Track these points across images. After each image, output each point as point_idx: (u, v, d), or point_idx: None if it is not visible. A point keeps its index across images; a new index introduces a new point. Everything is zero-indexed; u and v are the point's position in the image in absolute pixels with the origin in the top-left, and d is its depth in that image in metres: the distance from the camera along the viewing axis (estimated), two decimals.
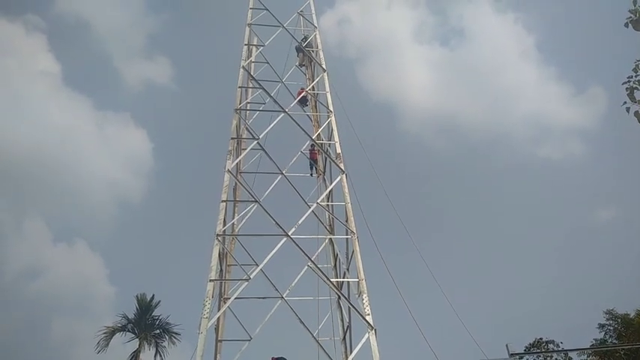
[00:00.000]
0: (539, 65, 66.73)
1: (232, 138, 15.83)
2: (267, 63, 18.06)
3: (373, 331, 12.19)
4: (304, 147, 16.54)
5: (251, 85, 18.01)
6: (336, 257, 16.39)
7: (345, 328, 15.16)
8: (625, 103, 7.22)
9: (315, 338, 12.72)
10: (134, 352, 28.78)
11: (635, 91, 7.18)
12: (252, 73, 17.75)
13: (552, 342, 23.85)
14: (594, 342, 23.37)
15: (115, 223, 54.56)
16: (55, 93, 57.43)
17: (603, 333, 24.87)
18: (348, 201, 15.05)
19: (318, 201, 14.95)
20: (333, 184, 15.67)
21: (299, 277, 13.94)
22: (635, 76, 7.31)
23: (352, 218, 14.73)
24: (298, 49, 19.76)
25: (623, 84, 7.45)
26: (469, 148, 58.02)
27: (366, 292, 13.08)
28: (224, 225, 14.03)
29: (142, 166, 59.23)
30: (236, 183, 15.74)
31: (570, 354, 24.39)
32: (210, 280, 12.33)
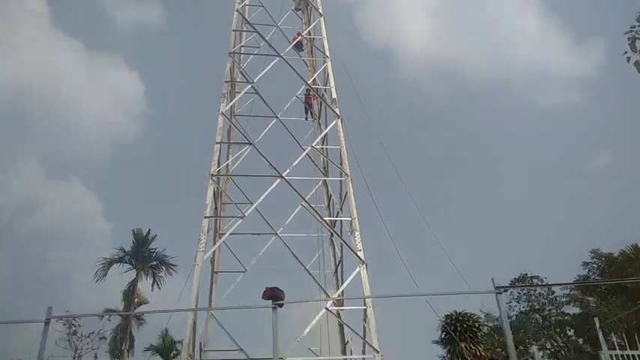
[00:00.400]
0: (540, 14, 64.77)
1: (226, 81, 15.92)
2: (262, 6, 17.91)
3: (364, 265, 12.96)
4: (299, 91, 16.70)
5: (245, 29, 17.91)
6: (329, 198, 16.99)
7: (337, 262, 16.01)
8: (626, 52, 7.22)
9: (307, 270, 13.55)
10: (131, 281, 30.02)
11: (636, 40, 7.20)
12: (246, 17, 17.66)
13: (537, 277, 24.96)
14: (577, 278, 24.41)
15: (110, 162, 55.21)
16: (45, 34, 56.33)
17: (587, 270, 25.95)
18: (343, 145, 15.39)
19: (313, 144, 15.33)
20: (328, 128, 15.93)
21: (293, 215, 14.61)
22: (639, 26, 7.30)
23: (347, 161, 15.10)
24: None
25: (625, 34, 7.43)
26: (468, 95, 57.49)
27: (358, 230, 13.75)
28: (219, 165, 14.51)
29: (134, 109, 59.09)
30: (230, 126, 16.00)
31: (553, 288, 25.61)
32: (205, 217, 12.95)
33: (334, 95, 16.26)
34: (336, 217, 15.71)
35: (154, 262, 31.03)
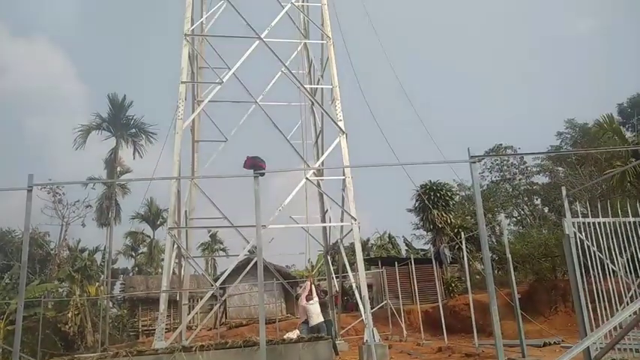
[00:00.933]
0: None
1: None
2: None
3: (344, 136, 12.65)
4: None
5: None
6: (310, 63, 16.07)
7: (318, 132, 15.68)
8: None
9: (288, 141, 13.23)
10: (112, 149, 29.67)
11: None
12: None
13: (511, 147, 25.43)
14: (550, 148, 24.94)
15: (76, 19, 50.88)
16: None
17: (560, 141, 26.50)
18: (325, 2, 14.18)
19: (292, 0, 13.96)
20: None
21: (272, 82, 13.84)
22: None
23: (328, 22, 14.04)
24: None
25: None
26: None
27: (339, 99, 13.19)
28: (192, 24, 13.23)
29: None
30: None
31: (525, 158, 26.32)
32: (182, 82, 12.11)
33: None
34: (317, 84, 14.99)
35: (133, 130, 30.29)
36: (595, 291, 6.34)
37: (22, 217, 6.08)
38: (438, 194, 22.58)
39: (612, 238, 6.59)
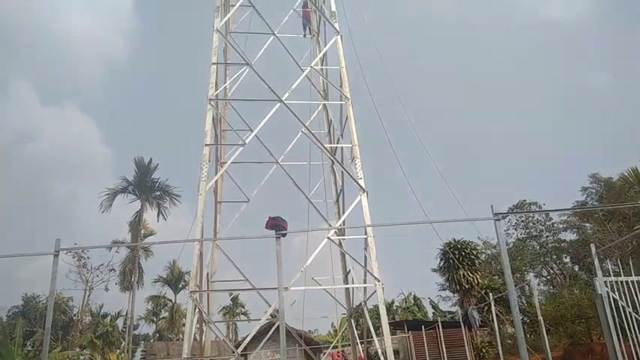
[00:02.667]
0: None
1: None
2: None
3: (365, 194, 12.57)
4: (297, 4, 15.54)
5: None
6: (330, 123, 16.32)
7: (339, 191, 15.65)
8: None
9: (309, 200, 13.18)
10: (137, 212, 30.12)
11: None
12: None
13: (535, 204, 24.95)
14: (576, 204, 24.37)
15: (103, 85, 53.41)
16: None
17: (585, 196, 25.93)
18: (343, 65, 14.57)
19: (312, 64, 14.42)
20: (328, 46, 15.01)
21: (293, 142, 14.00)
22: None
23: (347, 83, 14.37)
24: None
25: None
26: (468, 5, 54.86)
27: (359, 157, 13.24)
28: (216, 89, 13.67)
29: (124, 23, 56.09)
30: (226, 44, 15.02)
31: (551, 215, 25.72)
32: (206, 145, 12.35)
33: (333, 8, 15.09)
34: (337, 143, 15.14)
35: (158, 193, 30.88)
36: (635, 355, 5.91)
37: (46, 280, 6.12)
38: (463, 253, 22.03)
39: None
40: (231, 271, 12.85)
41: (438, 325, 15.87)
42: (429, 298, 32.03)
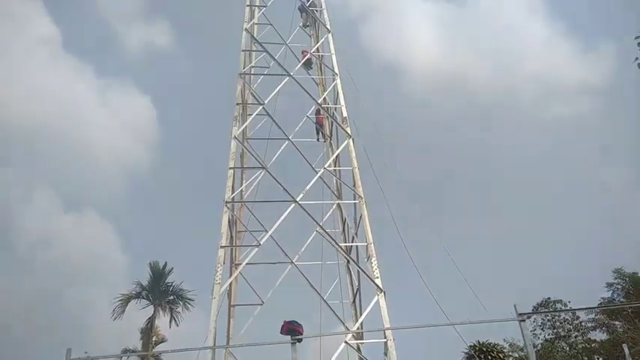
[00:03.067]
0: (548, 21, 64.91)
1: (237, 104, 15.63)
2: (271, 25, 17.65)
3: (382, 294, 12.30)
4: (310, 111, 16.31)
5: (254, 48, 17.59)
6: (344, 222, 16.40)
7: (355, 291, 15.31)
8: (637, 59, 7.28)
9: (325, 301, 12.87)
10: (149, 318, 29.41)
11: None
12: (255, 36, 17.35)
13: (560, 301, 24.04)
14: (602, 301, 23.48)
15: (124, 192, 54.91)
16: (56, 60, 56.72)
17: (611, 292, 25.02)
18: (355, 166, 14.95)
19: (325, 166, 14.86)
20: (340, 148, 15.53)
21: (308, 242, 13.99)
22: None
23: (360, 183, 14.66)
24: (302, 10, 19.22)
25: (636, 38, 7.40)
26: (477, 106, 57.15)
27: (374, 255, 13.15)
28: (232, 192, 14.01)
29: (147, 134, 59.00)
30: (243, 149, 15.63)
31: (578, 313, 24.62)
32: (221, 247, 12.41)
33: (345, 114, 15.83)
34: (352, 242, 15.11)
35: (172, 297, 30.48)
36: None
37: None
38: (489, 357, 20.75)
39: None
40: None
41: None
42: None
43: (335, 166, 16.19)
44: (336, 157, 15.90)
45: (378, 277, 12.67)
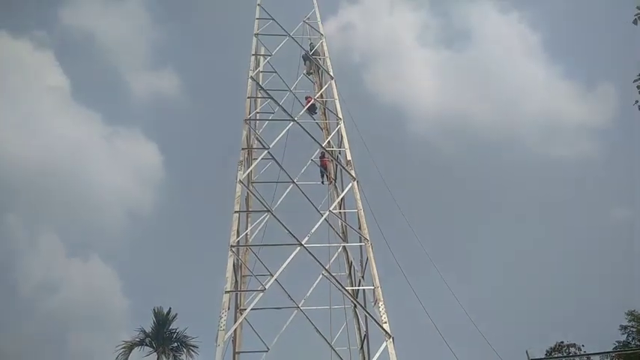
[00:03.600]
0: (546, 64, 66.25)
1: (243, 148, 15.84)
2: (275, 72, 18.16)
3: (391, 340, 12.00)
4: (314, 155, 16.50)
5: (260, 95, 18.08)
6: (350, 265, 16.26)
7: (363, 336, 14.97)
8: (637, 102, 7.44)
9: (332, 348, 12.58)
10: None
11: None
12: (260, 83, 17.81)
13: (574, 345, 23.38)
14: (617, 344, 22.83)
15: (127, 236, 54.82)
16: (65, 107, 58.04)
17: (626, 335, 24.34)
18: (361, 208, 14.94)
19: (331, 209, 14.87)
20: (345, 191, 15.55)
21: (314, 286, 13.80)
22: None
23: (365, 225, 14.60)
24: (305, 58, 19.81)
25: (634, 82, 7.58)
26: (479, 148, 57.54)
27: (382, 299, 12.92)
28: (237, 236, 13.96)
29: (152, 178, 59.52)
30: (248, 193, 15.71)
31: (593, 358, 23.88)
32: (226, 292, 12.26)
33: (349, 157, 16.02)
34: (358, 286, 14.91)
35: (175, 344, 29.94)
36: None
37: None
38: None
39: None
40: None
41: None
42: None
43: (340, 209, 16.21)
44: (341, 199, 15.93)
45: (386, 322, 12.39)
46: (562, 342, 23.58)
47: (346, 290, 13.99)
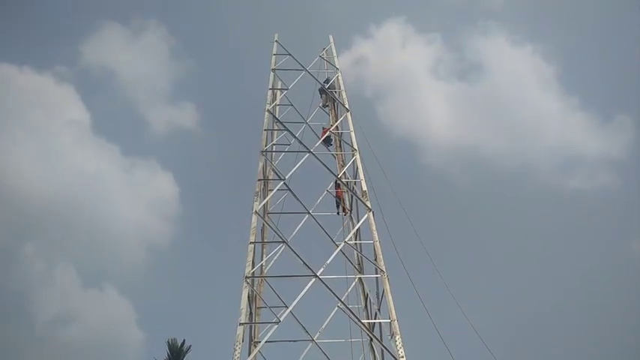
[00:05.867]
0: (561, 96, 66.04)
1: (259, 180, 16.01)
2: (292, 105, 18.50)
3: None
4: (330, 186, 16.60)
5: (276, 128, 18.41)
6: (366, 297, 16.05)
7: None
8: None
9: None
10: None
11: None
12: (277, 116, 18.15)
13: None
14: None
15: (143, 268, 54.91)
16: (84, 141, 59.33)
17: None
18: (377, 239, 14.86)
19: (346, 240, 14.82)
20: (360, 222, 15.54)
21: (329, 318, 13.64)
22: None
23: (381, 256, 14.48)
24: (321, 91, 20.20)
25: None
26: (495, 181, 57.09)
27: (399, 333, 12.70)
28: (252, 267, 13.97)
29: (169, 210, 59.91)
30: (264, 224, 15.79)
31: None
32: (240, 324, 12.18)
33: (364, 187, 16.09)
34: (375, 319, 14.70)
35: None
36: None
37: None
38: None
39: None
40: None
41: None
42: None
43: (356, 240, 16.14)
44: (357, 230, 15.91)
45: (403, 357, 12.14)
46: None
47: (362, 323, 13.80)
